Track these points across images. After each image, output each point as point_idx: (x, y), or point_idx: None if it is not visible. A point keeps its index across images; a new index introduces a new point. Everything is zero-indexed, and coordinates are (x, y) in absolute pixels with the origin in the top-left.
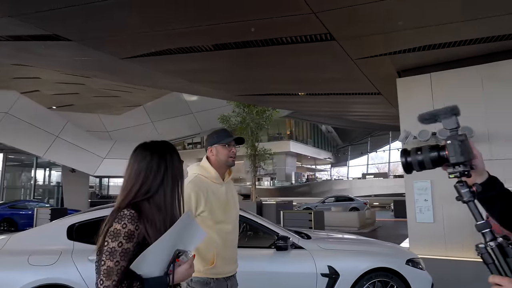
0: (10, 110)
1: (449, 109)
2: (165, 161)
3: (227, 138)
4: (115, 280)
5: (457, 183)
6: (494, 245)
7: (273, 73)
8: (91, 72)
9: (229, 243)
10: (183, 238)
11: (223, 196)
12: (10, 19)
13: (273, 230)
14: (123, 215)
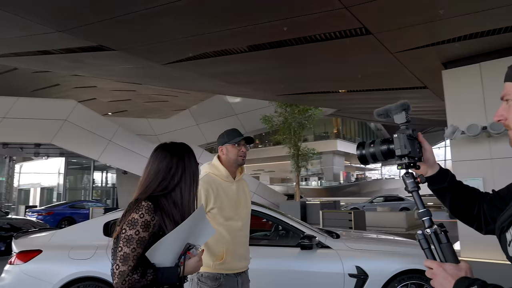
0: (69, 117)
1: (399, 105)
2: (183, 162)
3: (236, 138)
4: (130, 265)
5: (404, 174)
6: (430, 232)
7: (310, 71)
8: (138, 79)
9: (239, 240)
10: (194, 232)
11: (233, 194)
12: (61, 33)
13: (298, 229)
14: (141, 206)
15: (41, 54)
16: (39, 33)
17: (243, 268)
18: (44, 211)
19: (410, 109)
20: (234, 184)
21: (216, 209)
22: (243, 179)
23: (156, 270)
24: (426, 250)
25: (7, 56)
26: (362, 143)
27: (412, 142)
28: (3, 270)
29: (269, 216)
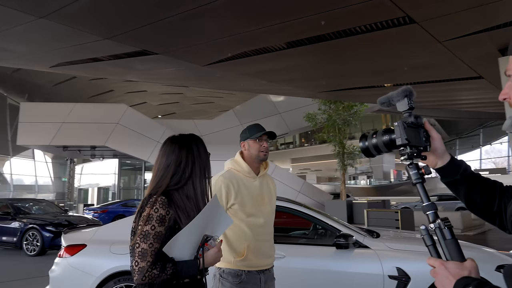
0: (120, 120)
1: (401, 91)
2: (193, 154)
3: (258, 133)
4: (149, 261)
5: (407, 165)
6: (434, 227)
7: (352, 65)
8: (182, 81)
9: (261, 237)
10: (211, 223)
11: (255, 190)
12: (107, 41)
13: (334, 227)
14: (155, 201)
15: (91, 62)
16: (89, 42)
17: (266, 266)
18: (99, 209)
19: (413, 95)
20: (257, 180)
21: (237, 205)
22: (268, 175)
23: (175, 264)
24: (430, 247)
25: (63, 65)
26: (365, 135)
27: (416, 131)
28: (54, 263)
29: (303, 214)
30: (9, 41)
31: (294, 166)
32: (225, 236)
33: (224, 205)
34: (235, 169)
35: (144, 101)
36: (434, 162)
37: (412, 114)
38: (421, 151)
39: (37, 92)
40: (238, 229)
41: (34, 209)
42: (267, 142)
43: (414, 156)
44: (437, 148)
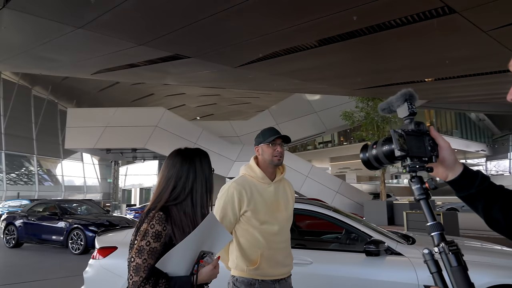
0: (159, 123)
1: (400, 95)
2: (195, 169)
3: (271, 137)
4: (142, 276)
5: (410, 179)
6: (438, 251)
7: (388, 61)
8: (216, 83)
9: (275, 245)
10: (208, 239)
11: (270, 196)
12: (141, 47)
13: (364, 233)
14: (153, 217)
15: (129, 67)
16: (124, 48)
17: (281, 275)
18: (139, 209)
19: (414, 98)
20: (272, 185)
21: (250, 212)
22: (286, 180)
23: (169, 279)
24: (435, 274)
25: (103, 71)
26: (366, 145)
27: (419, 139)
28: (88, 264)
29: (330, 218)
30: (53, 52)
31: (333, 165)
32: (239, 243)
33: (237, 213)
34: (249, 174)
35: (183, 103)
36: (444, 174)
37: (414, 121)
38: (426, 162)
39: (84, 98)
40: (251, 236)
41: (79, 209)
42: (282, 146)
43: (417, 168)
44: (445, 158)
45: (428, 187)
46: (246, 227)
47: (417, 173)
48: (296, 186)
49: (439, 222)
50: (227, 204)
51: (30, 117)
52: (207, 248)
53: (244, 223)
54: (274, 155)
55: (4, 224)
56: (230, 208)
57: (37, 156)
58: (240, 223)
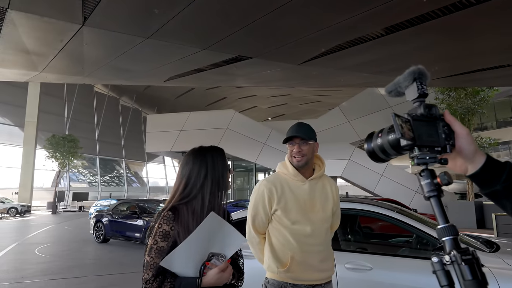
0: (229, 125)
1: (407, 74)
2: (206, 166)
3: (287, 137)
4: (149, 274)
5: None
6: (449, 260)
7: (469, 44)
8: (282, 83)
9: (308, 248)
10: (216, 241)
11: (303, 195)
12: (205, 51)
13: (433, 237)
14: (162, 216)
15: (196, 72)
16: (189, 54)
17: (316, 281)
18: None
19: (426, 77)
20: (307, 183)
21: (280, 210)
22: (327, 177)
23: (175, 279)
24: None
25: (174, 78)
26: (371, 134)
27: (430, 125)
28: None
29: (393, 220)
30: (128, 62)
31: None
32: (270, 243)
33: (268, 211)
34: (282, 172)
35: (254, 105)
36: (463, 166)
37: (424, 104)
38: (439, 153)
39: (164, 105)
40: (282, 237)
41: (157, 209)
42: (302, 144)
43: (427, 160)
44: (463, 148)
45: (440, 182)
46: (277, 227)
47: (428, 166)
48: (370, 186)
49: (453, 225)
50: (258, 202)
51: (118, 124)
52: (218, 250)
53: (275, 223)
54: (292, 155)
55: (94, 221)
56: (261, 206)
57: (125, 160)
58: (272, 222)
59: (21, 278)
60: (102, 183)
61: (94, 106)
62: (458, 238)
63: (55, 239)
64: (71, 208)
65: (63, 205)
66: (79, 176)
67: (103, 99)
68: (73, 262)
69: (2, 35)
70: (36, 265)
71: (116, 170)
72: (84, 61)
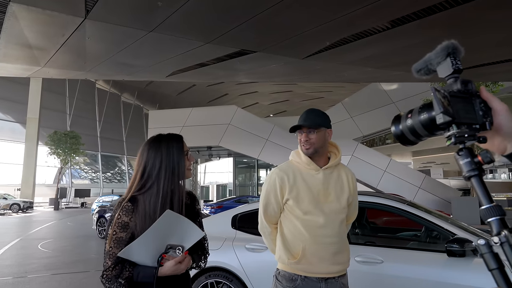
0: (231, 121)
1: (440, 50)
2: (161, 155)
3: (295, 126)
4: (108, 262)
5: (457, 151)
6: (499, 241)
7: (478, 38)
8: (285, 78)
9: (321, 239)
10: (174, 235)
11: (317, 184)
12: (208, 45)
13: (446, 230)
14: (121, 207)
15: (199, 67)
16: (193, 48)
17: (329, 274)
18: (215, 205)
19: (459, 52)
20: (321, 172)
21: (292, 200)
22: (343, 166)
23: (134, 268)
24: (495, 272)
25: (177, 73)
26: (399, 116)
27: (467, 102)
28: None
29: (404, 212)
30: (131, 57)
31: (416, 160)
32: (282, 234)
33: (280, 201)
34: (295, 160)
35: (256, 101)
36: (502, 145)
37: (460, 79)
38: (477, 131)
39: (165, 101)
40: (294, 228)
41: None
42: (309, 133)
43: (466, 138)
44: (502, 125)
45: (482, 160)
46: (289, 217)
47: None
48: (373, 182)
49: (498, 204)
50: (270, 192)
51: (120, 121)
52: (176, 242)
53: (287, 213)
54: (301, 144)
55: (97, 217)
56: (273, 196)
57: (127, 156)
58: (284, 212)
59: (25, 272)
60: (104, 179)
61: (95, 103)
62: (504, 217)
63: (58, 234)
64: (73, 205)
65: (65, 201)
66: (80, 173)
67: (104, 95)
68: (76, 257)
69: (4, 29)
70: (39, 260)
71: (118, 166)
72: (86, 56)
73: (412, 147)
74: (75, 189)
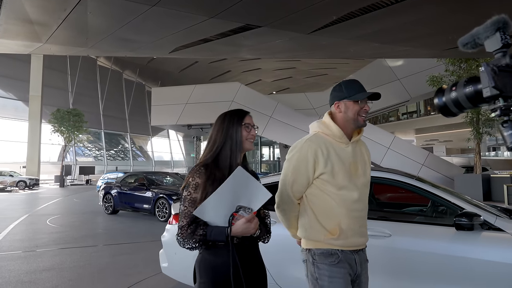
0: (235, 98)
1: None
2: (224, 125)
3: (360, 93)
4: (183, 221)
5: (502, 123)
6: None
7: (489, 9)
8: (291, 53)
9: (354, 213)
10: (243, 195)
11: (349, 158)
12: (212, 20)
13: (455, 204)
14: (195, 170)
15: (203, 43)
16: (197, 23)
17: (360, 246)
18: None
19: (509, 26)
20: (350, 146)
21: (327, 175)
22: (362, 141)
23: (207, 227)
24: None
25: (180, 49)
26: (442, 88)
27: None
28: (165, 229)
29: (412, 187)
30: (133, 33)
31: (419, 137)
32: (314, 211)
33: (311, 175)
34: (324, 132)
35: (259, 78)
36: None
37: (508, 54)
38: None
39: (168, 78)
40: (325, 203)
41: (165, 181)
42: (368, 104)
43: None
44: None
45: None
46: (320, 193)
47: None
48: (377, 159)
49: None
50: (300, 165)
51: (122, 98)
52: (245, 204)
53: (317, 188)
54: (360, 114)
55: (103, 193)
56: (304, 169)
57: (130, 134)
58: (313, 187)
59: (35, 246)
60: (108, 157)
61: (97, 80)
62: None
63: (65, 210)
64: (78, 182)
65: (70, 178)
66: (84, 150)
67: (106, 73)
68: (84, 232)
69: (4, 3)
70: (48, 234)
71: (121, 144)
72: (88, 32)
73: (415, 125)
74: (79, 167)
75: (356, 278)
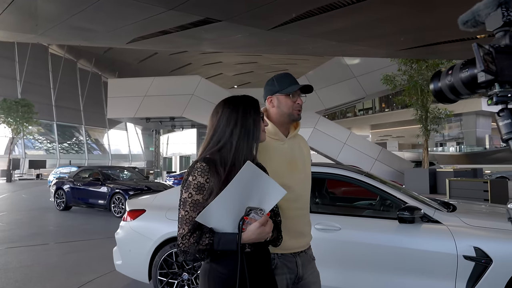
0: (195, 92)
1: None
2: (236, 115)
3: (292, 86)
4: (184, 229)
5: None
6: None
7: (437, 15)
8: (251, 48)
9: (293, 213)
10: (254, 193)
11: (286, 155)
12: (171, 12)
13: (399, 199)
14: (195, 168)
15: (161, 35)
16: (155, 14)
17: (301, 247)
18: (178, 176)
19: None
20: (286, 142)
21: (268, 173)
22: (300, 136)
23: (213, 235)
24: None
25: (137, 40)
26: (438, 72)
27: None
28: (119, 226)
29: (360, 182)
30: (88, 21)
31: (374, 133)
32: None
33: None
34: None
35: (220, 72)
36: None
37: (509, 34)
38: None
39: (125, 69)
40: None
41: (121, 176)
42: (301, 97)
43: (509, 97)
44: None
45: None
46: None
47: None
48: (333, 154)
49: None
50: None
51: (76, 89)
52: (256, 204)
53: None
54: (294, 108)
55: (54, 188)
56: None
57: (85, 126)
58: None
59: None
60: (61, 150)
61: (49, 69)
62: None
63: (12, 207)
64: (28, 176)
65: (18, 173)
66: (35, 143)
67: (59, 61)
68: (33, 230)
69: None
70: None
71: (75, 137)
72: (38, 17)
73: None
74: (29, 160)
75: (298, 280)
